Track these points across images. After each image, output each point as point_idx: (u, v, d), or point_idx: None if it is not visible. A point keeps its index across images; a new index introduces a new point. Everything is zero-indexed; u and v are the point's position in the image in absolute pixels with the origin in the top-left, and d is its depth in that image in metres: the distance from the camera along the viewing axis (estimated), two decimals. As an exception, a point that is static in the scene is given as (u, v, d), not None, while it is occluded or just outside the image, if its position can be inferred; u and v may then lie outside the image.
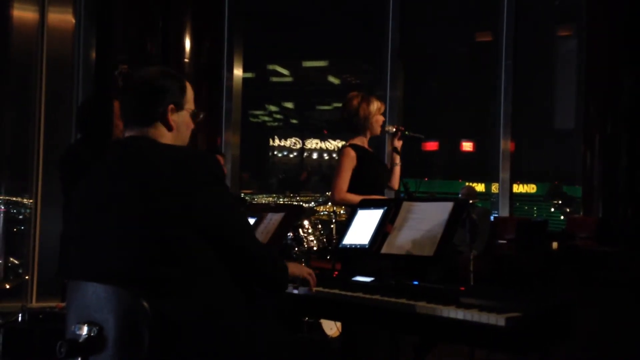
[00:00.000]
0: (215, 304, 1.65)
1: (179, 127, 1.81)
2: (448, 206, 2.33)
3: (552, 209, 13.76)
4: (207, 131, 6.38)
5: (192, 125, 1.87)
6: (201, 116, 1.90)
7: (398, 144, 3.54)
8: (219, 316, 1.65)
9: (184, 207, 1.62)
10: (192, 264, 1.64)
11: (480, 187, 12.89)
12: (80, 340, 1.56)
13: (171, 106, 1.79)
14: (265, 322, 1.77)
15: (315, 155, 17.03)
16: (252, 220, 3.22)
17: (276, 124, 18.02)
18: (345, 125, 3.42)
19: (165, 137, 1.79)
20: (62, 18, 5.25)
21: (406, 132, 3.54)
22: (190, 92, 1.85)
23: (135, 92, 1.79)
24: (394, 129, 3.54)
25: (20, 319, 3.31)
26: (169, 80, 1.80)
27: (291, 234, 4.81)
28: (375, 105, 3.38)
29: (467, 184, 10.73)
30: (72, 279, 1.71)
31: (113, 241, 1.65)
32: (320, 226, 5.22)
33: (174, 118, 1.79)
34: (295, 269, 2.09)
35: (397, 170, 3.52)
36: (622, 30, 7.50)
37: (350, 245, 2.52)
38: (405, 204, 2.46)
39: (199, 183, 1.66)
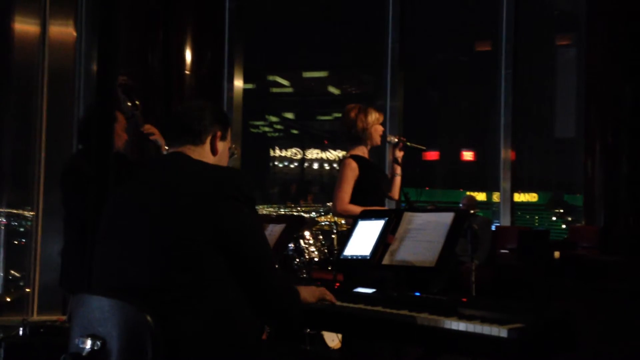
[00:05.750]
0: (222, 321, 1.64)
1: (220, 155, 1.90)
2: (449, 217, 2.33)
3: (554, 218, 13.74)
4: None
5: (227, 159, 1.97)
6: (235, 155, 1.99)
7: (399, 154, 3.55)
8: (224, 333, 1.64)
9: (206, 220, 1.63)
10: (203, 278, 1.63)
11: (481, 197, 12.88)
12: (84, 354, 1.56)
13: (219, 133, 1.89)
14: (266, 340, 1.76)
15: (316, 166, 17.03)
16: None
17: (277, 134, 18.04)
18: (345, 137, 3.44)
19: (208, 157, 1.86)
20: (63, 31, 5.28)
21: (408, 143, 3.55)
22: (230, 130, 1.98)
23: (185, 114, 1.88)
24: (396, 140, 3.55)
25: (21, 332, 3.30)
26: (217, 112, 1.93)
27: (292, 245, 4.80)
28: (373, 116, 3.39)
29: (468, 193, 10.72)
30: (93, 293, 1.71)
31: (135, 253, 1.66)
32: (321, 237, 5.21)
33: (219, 145, 1.88)
34: (307, 294, 2.04)
35: (398, 180, 3.53)
36: (622, 38, 7.52)
37: (352, 256, 2.52)
38: (406, 215, 2.46)
39: (225, 200, 1.66)
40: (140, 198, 1.72)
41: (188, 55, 6.31)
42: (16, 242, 5.52)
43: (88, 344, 1.56)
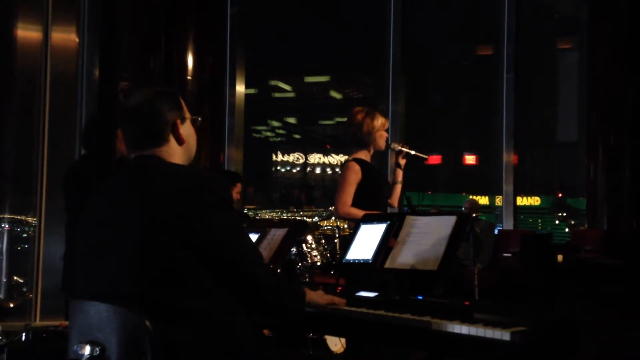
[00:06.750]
0: (218, 325, 1.64)
1: (187, 139, 1.83)
2: (451, 220, 2.32)
3: (557, 222, 13.74)
4: (210, 147, 6.40)
5: (195, 136, 1.88)
6: (200, 120, 1.90)
7: (402, 161, 3.52)
8: (222, 337, 1.64)
9: (186, 228, 1.62)
10: (196, 285, 1.63)
11: (484, 200, 12.88)
12: (83, 360, 1.56)
13: (178, 120, 1.80)
14: (266, 341, 1.76)
15: (318, 170, 17.04)
16: (255, 236, 3.22)
17: (279, 139, 18.04)
18: (350, 139, 3.41)
19: (177, 152, 1.80)
20: (65, 37, 5.29)
21: (411, 152, 3.52)
22: (183, 102, 1.87)
23: (138, 117, 1.78)
24: (399, 147, 3.52)
25: (24, 338, 3.30)
26: (166, 98, 1.81)
27: (295, 249, 4.80)
28: (379, 121, 3.38)
29: (470, 197, 10.71)
30: (75, 297, 1.71)
31: (116, 261, 1.65)
32: (323, 241, 5.21)
33: (182, 131, 1.81)
34: (316, 296, 2.03)
35: (398, 188, 3.51)
36: (623, 41, 7.52)
37: (354, 260, 2.52)
38: (408, 218, 2.45)
39: (202, 204, 1.64)
40: (115, 208, 1.69)
41: (190, 61, 6.32)
42: (19, 248, 5.52)
43: (87, 350, 1.55)
